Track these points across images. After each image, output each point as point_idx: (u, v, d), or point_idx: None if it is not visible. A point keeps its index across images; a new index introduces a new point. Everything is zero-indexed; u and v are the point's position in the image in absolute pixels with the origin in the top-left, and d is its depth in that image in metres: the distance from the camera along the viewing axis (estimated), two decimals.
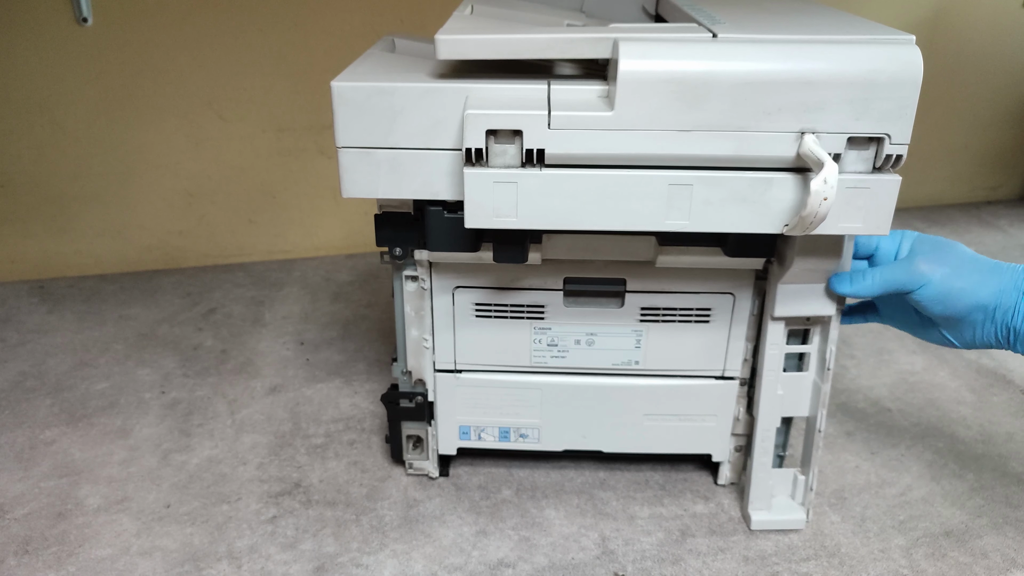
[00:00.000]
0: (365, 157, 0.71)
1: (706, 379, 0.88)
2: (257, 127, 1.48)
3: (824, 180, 0.62)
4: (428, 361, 0.88)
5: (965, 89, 1.82)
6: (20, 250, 1.47)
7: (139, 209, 1.49)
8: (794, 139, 0.65)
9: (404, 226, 0.79)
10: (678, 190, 0.67)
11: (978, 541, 0.86)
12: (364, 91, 0.69)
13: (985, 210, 1.90)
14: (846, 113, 0.64)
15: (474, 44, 0.68)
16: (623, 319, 0.85)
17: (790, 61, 0.63)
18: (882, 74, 0.62)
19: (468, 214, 0.69)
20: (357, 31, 1.45)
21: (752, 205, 0.67)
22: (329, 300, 1.42)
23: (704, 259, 0.79)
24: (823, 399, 0.83)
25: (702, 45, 0.65)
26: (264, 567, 0.82)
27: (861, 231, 0.68)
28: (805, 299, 0.79)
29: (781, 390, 0.83)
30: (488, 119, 0.65)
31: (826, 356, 0.81)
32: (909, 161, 2.10)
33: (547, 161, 0.67)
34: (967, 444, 1.02)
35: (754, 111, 0.64)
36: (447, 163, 0.70)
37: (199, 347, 1.25)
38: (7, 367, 1.19)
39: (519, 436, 0.91)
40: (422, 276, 0.83)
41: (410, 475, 0.95)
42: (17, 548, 0.84)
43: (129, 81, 1.38)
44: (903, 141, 0.65)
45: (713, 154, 0.66)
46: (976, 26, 1.76)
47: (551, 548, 0.85)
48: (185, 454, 0.99)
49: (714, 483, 0.94)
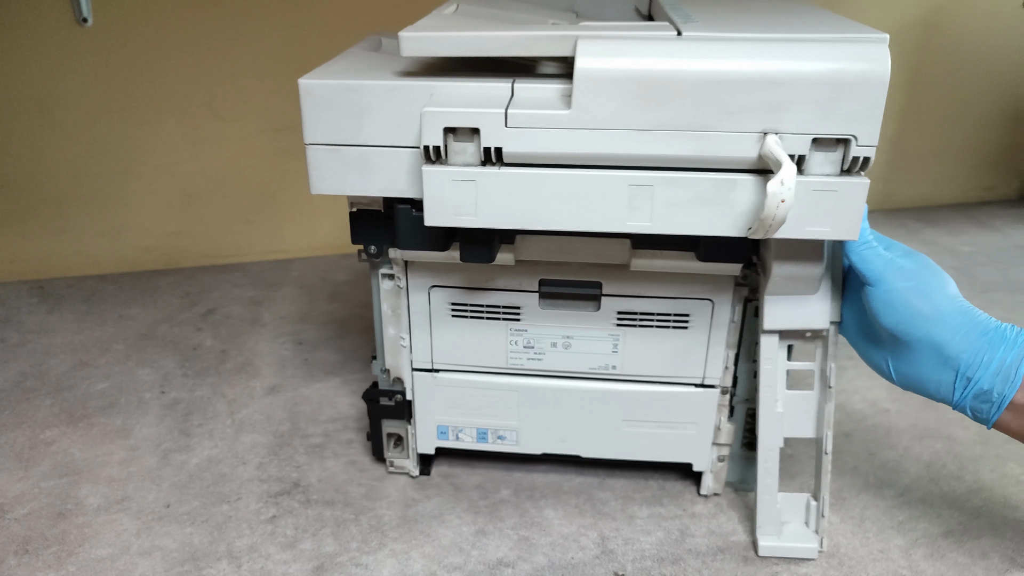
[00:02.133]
0: (333, 154, 0.71)
1: (685, 386, 0.86)
2: (255, 127, 1.48)
3: (781, 182, 0.60)
4: (406, 360, 0.88)
5: (962, 89, 1.83)
6: (19, 250, 1.47)
7: (138, 209, 1.49)
8: (757, 139, 0.63)
9: (376, 224, 0.79)
10: (639, 191, 0.66)
11: (977, 542, 0.86)
12: (331, 88, 0.69)
13: (981, 210, 1.91)
14: (810, 113, 0.62)
15: (437, 41, 0.68)
16: (599, 323, 0.84)
17: (752, 60, 0.62)
18: (847, 73, 0.61)
19: (428, 212, 0.69)
20: (355, 31, 1.44)
21: (716, 207, 0.66)
22: (326, 300, 1.42)
23: (678, 263, 0.78)
24: (827, 419, 0.80)
25: (663, 43, 0.64)
26: (264, 567, 0.82)
27: (829, 235, 0.66)
28: (794, 310, 0.76)
29: (781, 408, 0.81)
30: (445, 117, 0.65)
31: (826, 372, 0.79)
32: (905, 161, 2.10)
33: (506, 160, 0.67)
34: (965, 445, 1.02)
35: (716, 111, 0.63)
36: (413, 161, 0.70)
37: (198, 347, 1.25)
38: (7, 367, 1.19)
39: (497, 438, 0.91)
40: (398, 274, 0.83)
41: (391, 472, 0.96)
42: (17, 548, 0.84)
43: (128, 81, 1.38)
44: (870, 143, 0.63)
45: (674, 154, 0.65)
46: (974, 26, 1.76)
47: (550, 548, 0.85)
48: (185, 454, 0.99)
49: (697, 494, 0.93)
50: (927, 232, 1.76)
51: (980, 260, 1.61)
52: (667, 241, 0.73)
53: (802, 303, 0.76)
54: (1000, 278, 1.52)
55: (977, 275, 1.53)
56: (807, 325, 0.77)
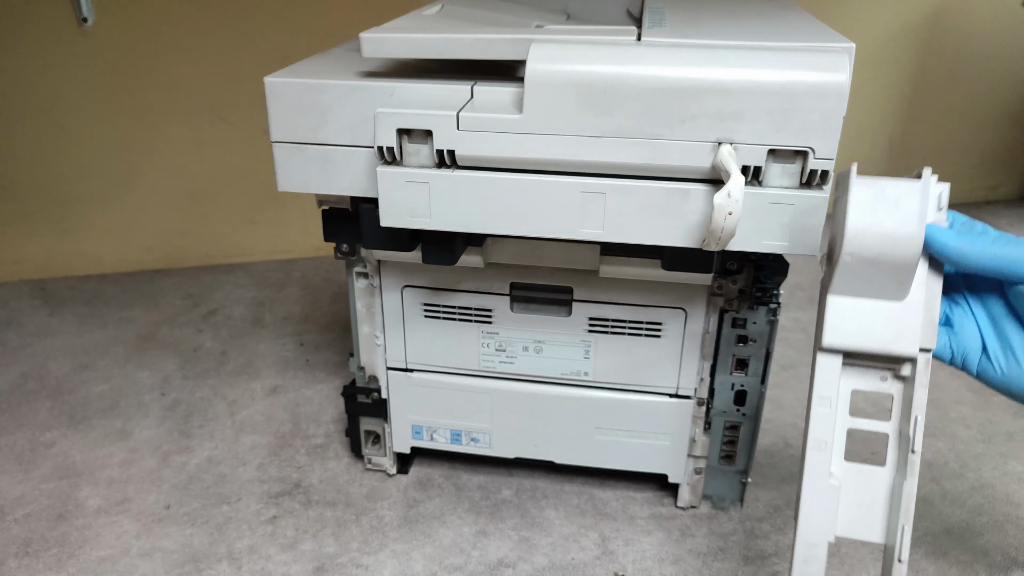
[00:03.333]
0: (297, 152, 0.72)
1: (659, 396, 0.85)
2: (259, 129, 1.47)
3: (728, 193, 0.58)
4: (380, 358, 0.88)
5: (964, 88, 1.82)
6: (23, 251, 1.47)
7: (141, 210, 1.49)
8: (711, 149, 0.62)
9: (346, 223, 0.80)
10: (591, 198, 0.65)
11: (979, 539, 0.86)
12: (294, 87, 0.70)
13: (984, 210, 1.90)
14: (765, 124, 0.60)
15: (395, 43, 0.69)
16: (571, 328, 0.83)
17: (704, 67, 0.60)
18: (802, 84, 0.59)
19: (383, 213, 0.69)
20: (361, 32, 1.45)
21: (669, 217, 0.65)
22: (329, 301, 1.42)
23: (646, 271, 0.77)
24: (907, 508, 0.57)
25: (616, 48, 0.63)
26: (264, 567, 0.82)
27: (787, 250, 0.65)
28: (870, 322, 0.56)
29: (837, 479, 0.59)
30: (397, 118, 0.65)
31: (911, 430, 0.56)
32: (907, 161, 2.08)
33: (460, 163, 0.67)
34: (967, 443, 1.02)
35: (667, 118, 0.62)
36: (374, 161, 0.70)
37: (199, 348, 1.25)
38: (8, 369, 1.19)
39: (470, 440, 0.91)
40: (371, 273, 0.84)
41: (369, 469, 0.96)
42: (18, 549, 0.84)
43: (131, 83, 1.39)
44: (828, 156, 0.61)
45: (625, 162, 0.64)
46: (976, 26, 1.76)
47: (551, 548, 0.85)
48: (185, 455, 0.99)
49: (674, 506, 0.91)
50: None
51: None
52: (635, 248, 0.71)
53: (882, 313, 0.56)
54: None
55: None
56: (885, 348, 0.56)
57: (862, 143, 1.82)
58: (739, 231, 0.63)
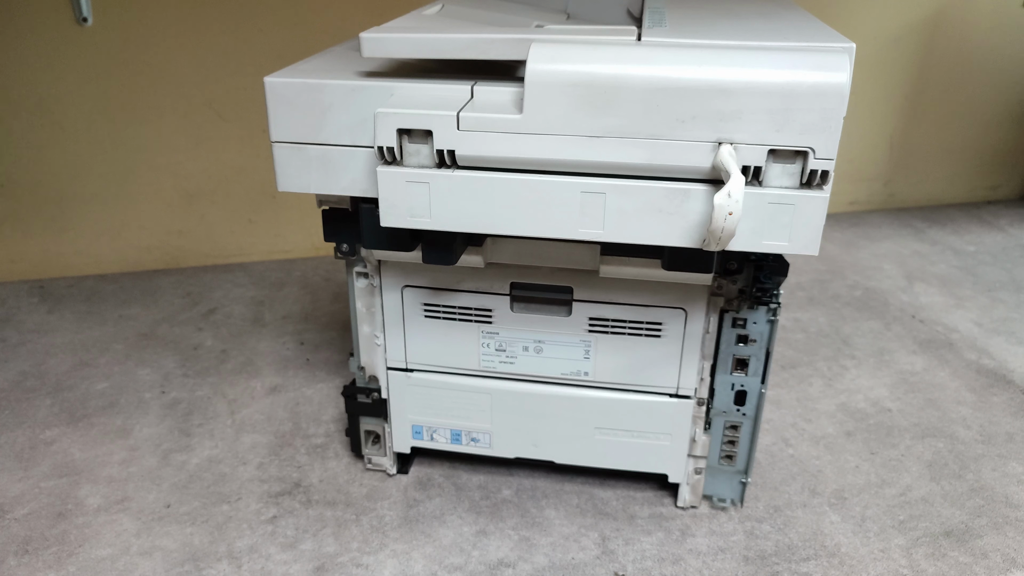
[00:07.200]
0: (297, 152, 0.72)
1: (659, 396, 0.85)
2: (257, 127, 1.48)
3: (728, 194, 0.59)
4: (380, 358, 0.88)
5: (965, 89, 1.82)
6: (20, 250, 1.47)
7: (139, 209, 1.49)
8: (711, 149, 0.62)
9: (346, 223, 0.80)
10: (591, 198, 0.65)
11: (978, 541, 0.86)
12: (295, 87, 0.69)
13: (985, 210, 1.90)
14: (765, 124, 0.61)
15: (395, 43, 0.68)
16: (571, 328, 0.83)
17: (704, 67, 0.60)
18: (802, 84, 0.59)
19: (383, 213, 0.69)
20: (358, 31, 1.44)
21: (669, 217, 0.65)
22: (329, 300, 1.42)
23: (646, 271, 0.77)
24: None
25: (616, 49, 0.63)
26: (264, 567, 0.81)
27: (787, 250, 0.65)
28: None
29: None
30: (398, 118, 0.65)
31: None
32: (909, 161, 2.08)
33: (460, 163, 0.67)
34: (967, 444, 1.02)
35: (667, 118, 0.62)
36: (374, 161, 0.70)
37: (199, 347, 1.25)
38: (7, 367, 1.19)
39: (471, 440, 0.91)
40: (371, 273, 0.83)
41: (369, 469, 0.96)
42: (17, 548, 0.84)
43: (129, 81, 1.38)
44: (828, 156, 0.61)
45: (625, 162, 0.64)
46: (976, 26, 1.76)
47: (551, 548, 0.85)
48: (185, 454, 0.99)
49: (674, 505, 0.91)
50: (932, 231, 1.76)
51: (985, 259, 1.60)
52: (635, 248, 0.72)
53: None
54: (1005, 277, 1.51)
55: (982, 274, 1.53)
56: None
57: (862, 143, 1.81)
58: (739, 231, 0.63)
